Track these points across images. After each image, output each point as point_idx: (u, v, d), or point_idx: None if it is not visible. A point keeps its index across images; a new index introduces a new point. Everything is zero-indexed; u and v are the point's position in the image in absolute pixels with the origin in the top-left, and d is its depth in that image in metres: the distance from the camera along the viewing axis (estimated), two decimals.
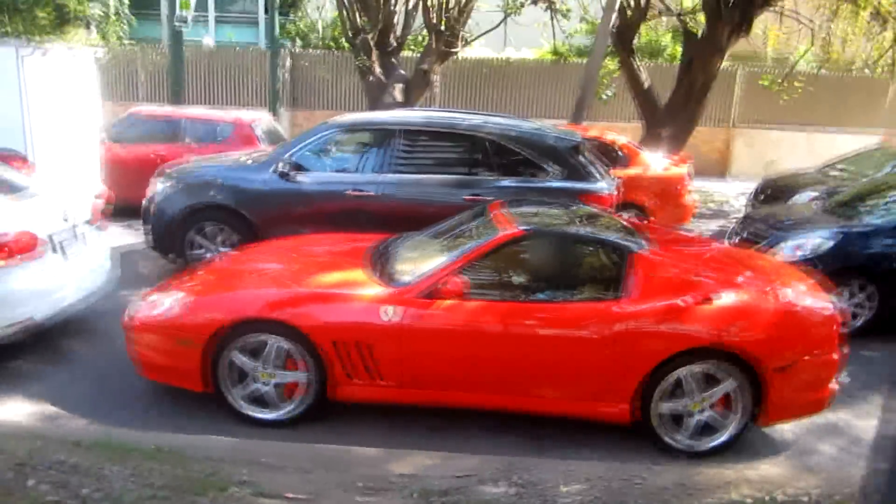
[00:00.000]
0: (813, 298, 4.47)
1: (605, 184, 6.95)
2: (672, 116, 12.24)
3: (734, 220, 9.52)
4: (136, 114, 10.20)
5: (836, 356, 4.36)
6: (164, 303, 4.61)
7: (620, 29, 12.38)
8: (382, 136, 6.99)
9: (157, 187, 7.16)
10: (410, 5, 13.18)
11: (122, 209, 7.81)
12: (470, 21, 13.18)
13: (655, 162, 9.71)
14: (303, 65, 15.57)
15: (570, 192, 6.75)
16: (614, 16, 12.10)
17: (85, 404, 4.69)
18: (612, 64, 13.27)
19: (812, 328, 4.33)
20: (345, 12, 12.65)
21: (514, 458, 3.92)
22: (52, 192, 5.71)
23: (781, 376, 4.24)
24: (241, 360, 4.41)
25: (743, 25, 11.53)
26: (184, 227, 7.04)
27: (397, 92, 12.67)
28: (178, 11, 11.36)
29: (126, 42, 15.76)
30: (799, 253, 6.74)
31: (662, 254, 4.68)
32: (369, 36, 12.56)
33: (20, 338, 5.04)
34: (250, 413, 4.48)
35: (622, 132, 13.39)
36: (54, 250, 5.27)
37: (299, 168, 6.91)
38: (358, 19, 12.72)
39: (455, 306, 4.30)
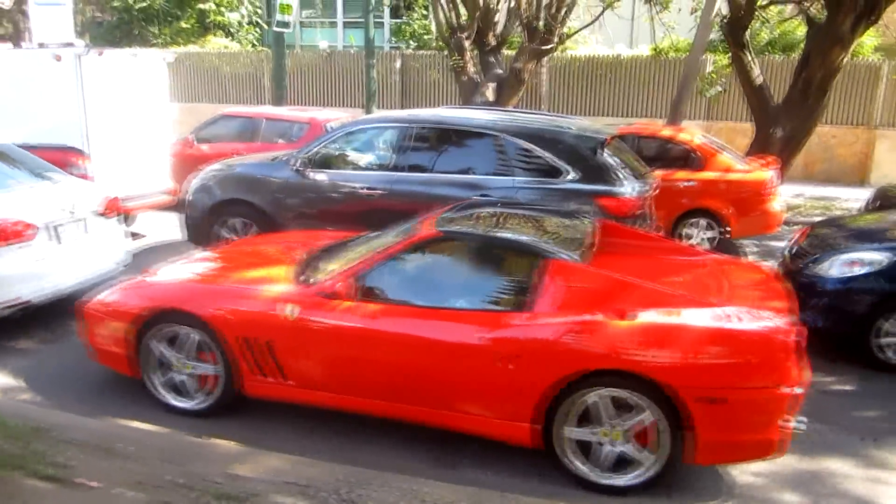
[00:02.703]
0: (764, 323, 3.77)
1: (627, 187, 6.37)
2: (787, 116, 10.98)
3: None
4: (225, 115, 10.84)
5: (787, 391, 3.66)
6: (107, 290, 4.84)
7: (731, 20, 11.31)
8: (395, 134, 6.89)
9: (193, 183, 7.54)
10: (512, 3, 12.91)
11: None
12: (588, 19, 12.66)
13: (736, 164, 8.77)
14: (413, 66, 15.80)
15: (586, 195, 6.26)
16: (721, 6, 11.12)
17: (49, 382, 5.02)
18: (724, 58, 12.17)
19: (754, 356, 3.65)
20: (441, 12, 12.66)
21: (370, 471, 3.67)
22: (65, 185, 6.20)
23: (709, 409, 3.63)
24: (160, 349, 4.52)
25: (872, 13, 10.11)
26: (212, 220, 7.37)
27: (489, 92, 12.47)
28: (277, 16, 11.92)
29: (259, 48, 16.90)
30: (856, 269, 5.80)
31: (593, 263, 4.19)
32: (464, 35, 12.49)
33: (14, 316, 5.52)
34: (168, 401, 4.58)
35: (738, 133, 12.34)
36: (52, 238, 5.70)
37: (318, 165, 6.99)
38: (454, 19, 12.69)
39: (352, 308, 4.12)
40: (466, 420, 4.02)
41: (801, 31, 14.21)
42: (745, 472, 4.16)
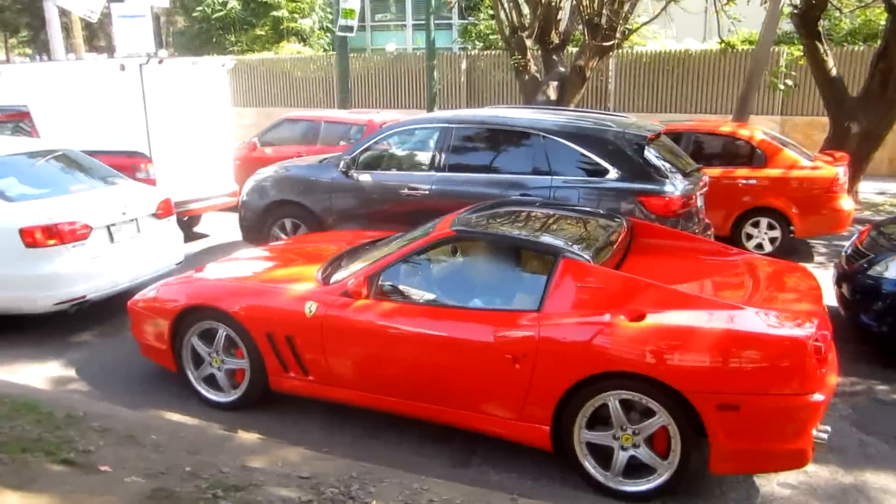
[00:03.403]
0: (786, 327, 3.60)
1: (671, 185, 6.20)
2: (864, 109, 10.45)
3: None
4: (287, 119, 11.15)
5: (814, 399, 3.49)
6: (154, 287, 5.08)
7: (802, 11, 10.81)
8: (438, 135, 6.93)
9: (248, 185, 7.80)
10: (574, 0, 12.73)
11: None
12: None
13: (801, 161, 8.38)
14: (479, 66, 15.80)
15: (628, 193, 6.16)
16: None
17: (100, 374, 5.30)
18: (796, 50, 11.62)
19: (774, 362, 3.47)
20: (502, 11, 12.62)
21: (381, 468, 3.71)
22: (121, 189, 6.53)
23: (729, 416, 3.50)
24: (194, 343, 4.72)
25: None
26: (265, 221, 7.61)
27: (551, 90, 12.36)
28: (340, 20, 12.14)
29: (329, 52, 17.27)
30: None
31: (620, 264, 4.10)
32: (525, 34, 12.41)
33: (70, 311, 5.85)
34: (205, 394, 4.77)
35: (816, 129, 11.79)
36: (107, 238, 6.02)
37: (362, 166, 7.11)
38: (515, 18, 12.63)
39: (366, 307, 4.17)
40: (481, 420, 4.01)
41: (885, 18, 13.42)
42: (776, 483, 3.98)
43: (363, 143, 7.23)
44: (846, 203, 8.32)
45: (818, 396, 3.50)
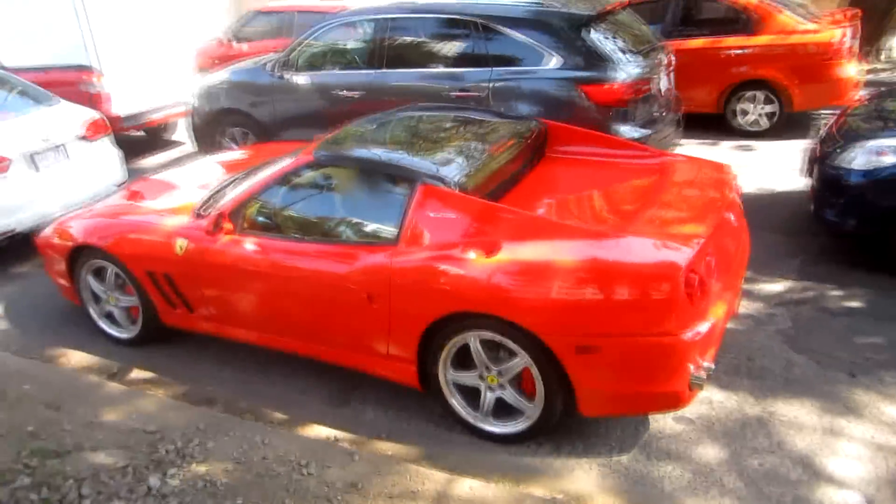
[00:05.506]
0: (658, 258, 3.15)
1: (618, 71, 5.57)
2: None
3: None
4: (257, 11, 10.55)
5: (687, 337, 3.11)
6: (53, 223, 4.94)
7: None
8: (370, 29, 6.38)
9: (196, 90, 7.42)
10: None
11: None
12: None
13: (799, 25, 7.44)
14: None
15: (568, 82, 5.60)
16: None
17: (24, 309, 5.29)
18: None
19: (640, 298, 3.06)
20: None
21: (230, 418, 3.59)
22: (46, 112, 6.30)
23: (590, 359, 3.17)
24: (91, 282, 4.62)
25: None
26: (214, 129, 7.31)
27: None
28: None
29: None
30: (883, 159, 4.83)
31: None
32: None
33: (5, 245, 5.81)
34: (108, 330, 4.71)
35: None
36: (30, 168, 5.86)
37: (297, 67, 6.67)
38: None
39: (234, 242, 3.92)
40: (355, 359, 3.80)
41: None
42: (671, 417, 3.68)
43: (297, 42, 6.74)
44: (847, 69, 7.40)
45: (694, 332, 3.13)
